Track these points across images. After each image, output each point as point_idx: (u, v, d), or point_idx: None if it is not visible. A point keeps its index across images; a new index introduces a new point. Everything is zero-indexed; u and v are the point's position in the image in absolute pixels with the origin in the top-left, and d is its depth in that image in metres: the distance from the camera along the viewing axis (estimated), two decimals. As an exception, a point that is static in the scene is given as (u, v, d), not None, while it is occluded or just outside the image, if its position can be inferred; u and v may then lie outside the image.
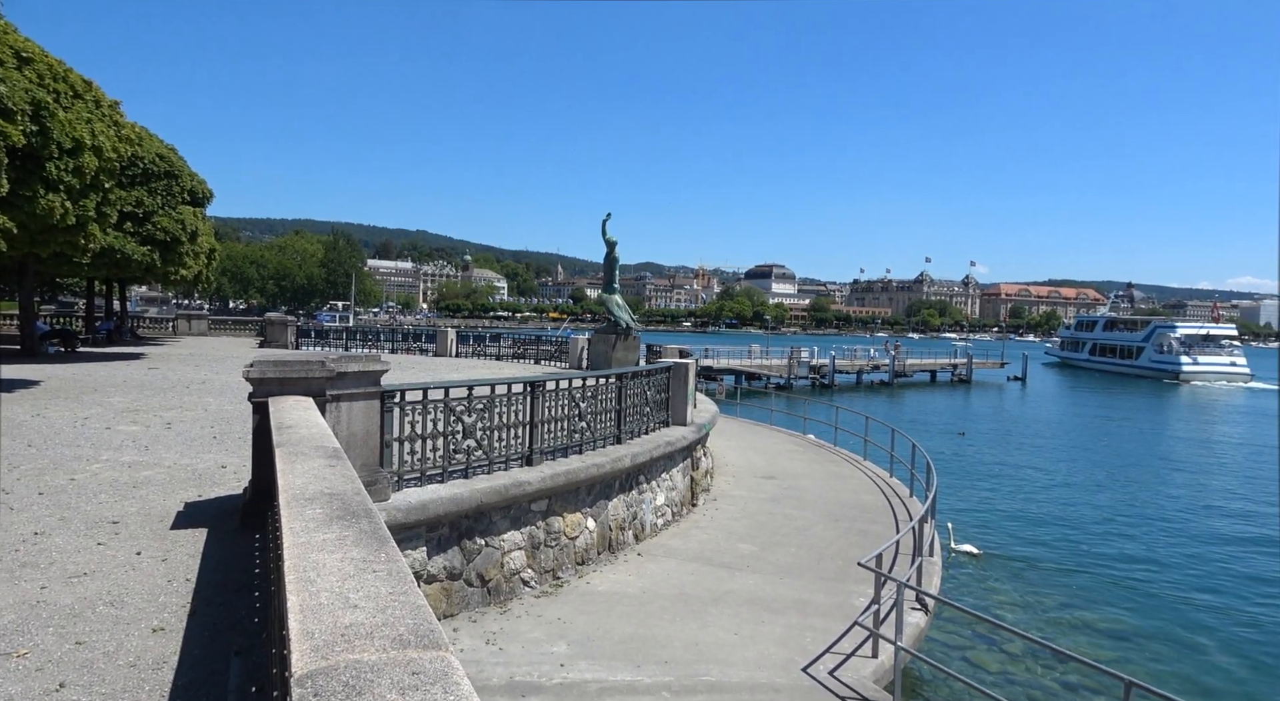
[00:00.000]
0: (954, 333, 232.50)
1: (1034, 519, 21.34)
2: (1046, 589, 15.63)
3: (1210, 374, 79.37)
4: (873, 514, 14.86)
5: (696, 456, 15.36)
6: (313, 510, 3.49)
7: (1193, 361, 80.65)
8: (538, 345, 29.33)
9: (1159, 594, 15.62)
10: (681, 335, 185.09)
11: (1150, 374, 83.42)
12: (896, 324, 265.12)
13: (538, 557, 10.07)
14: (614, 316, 20.76)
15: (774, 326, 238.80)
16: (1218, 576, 16.86)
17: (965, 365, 71.02)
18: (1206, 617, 14.42)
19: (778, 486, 16.82)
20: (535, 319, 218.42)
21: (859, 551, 11.89)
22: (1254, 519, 22.14)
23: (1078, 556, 17.95)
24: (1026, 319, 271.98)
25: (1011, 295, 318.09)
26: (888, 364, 65.59)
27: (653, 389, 13.92)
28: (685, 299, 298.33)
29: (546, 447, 10.68)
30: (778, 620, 9.31)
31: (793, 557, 11.88)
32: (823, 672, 7.93)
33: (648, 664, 7.95)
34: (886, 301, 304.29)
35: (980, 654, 12.09)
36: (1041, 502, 23.43)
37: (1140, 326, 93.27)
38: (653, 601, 9.76)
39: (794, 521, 14.00)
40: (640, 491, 12.55)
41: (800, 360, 59.38)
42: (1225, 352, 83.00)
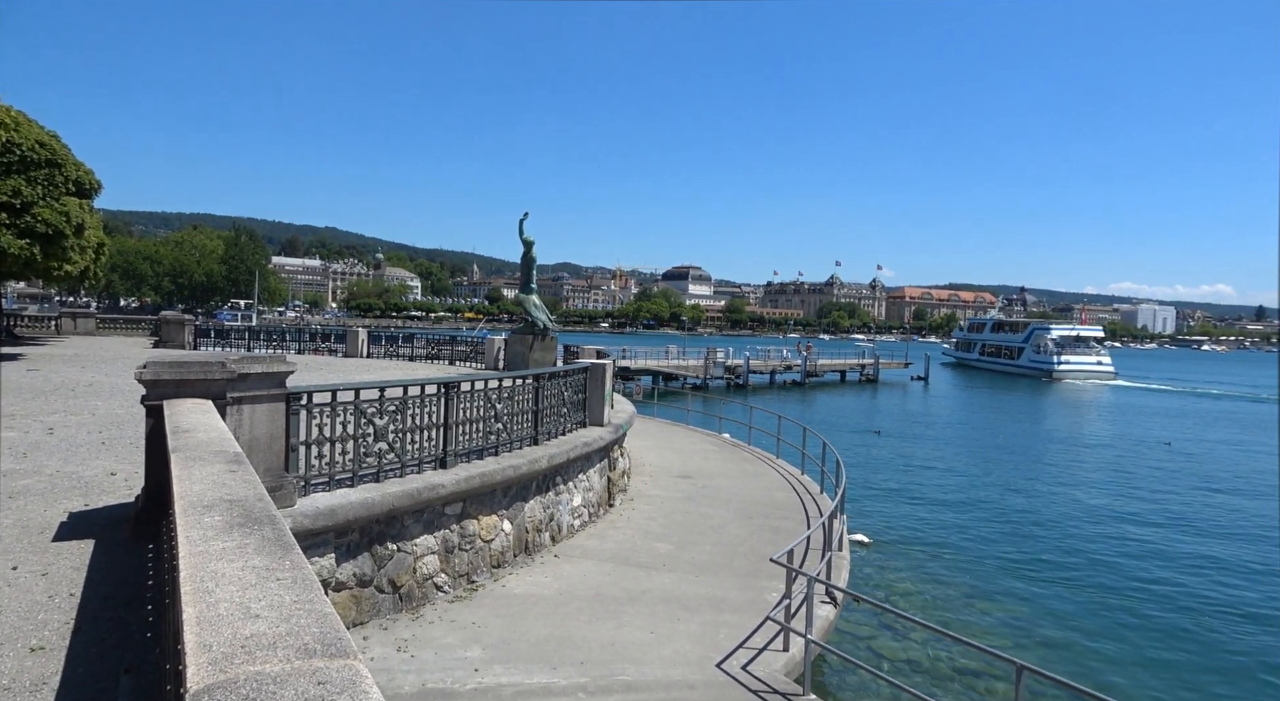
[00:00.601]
0: (862, 334, 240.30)
1: (936, 511, 22.28)
2: (948, 577, 16.34)
3: (1080, 372, 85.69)
4: (785, 511, 15.23)
5: (614, 457, 15.40)
6: (211, 517, 3.35)
7: (1064, 361, 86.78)
8: (453, 346, 28.82)
9: (1051, 579, 16.54)
10: (599, 336, 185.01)
11: (1029, 373, 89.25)
12: (808, 325, 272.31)
13: (452, 561, 9.90)
14: (531, 317, 20.60)
15: (691, 327, 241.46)
16: (1103, 562, 17.97)
17: (873, 365, 73.56)
18: (1094, 601, 15.35)
19: (694, 485, 17.03)
20: (450, 319, 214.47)
21: (772, 548, 12.16)
22: (1130, 507, 23.71)
23: (976, 545, 18.84)
24: (929, 321, 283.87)
25: (915, 298, 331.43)
26: (800, 364, 67.27)
27: (570, 390, 13.88)
28: (603, 300, 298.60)
29: (462, 449, 10.51)
30: (693, 618, 9.44)
31: (708, 555, 12.06)
32: (736, 668, 8.08)
33: (564, 665, 7.93)
34: (799, 303, 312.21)
35: (885, 642, 12.54)
36: (943, 496, 24.49)
37: (1021, 329, 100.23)
38: (569, 602, 9.73)
39: (709, 520, 14.21)
40: (557, 493, 12.50)
41: (716, 361, 60.25)
42: (1093, 352, 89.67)
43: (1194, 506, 24.32)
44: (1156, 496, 25.68)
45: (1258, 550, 19.48)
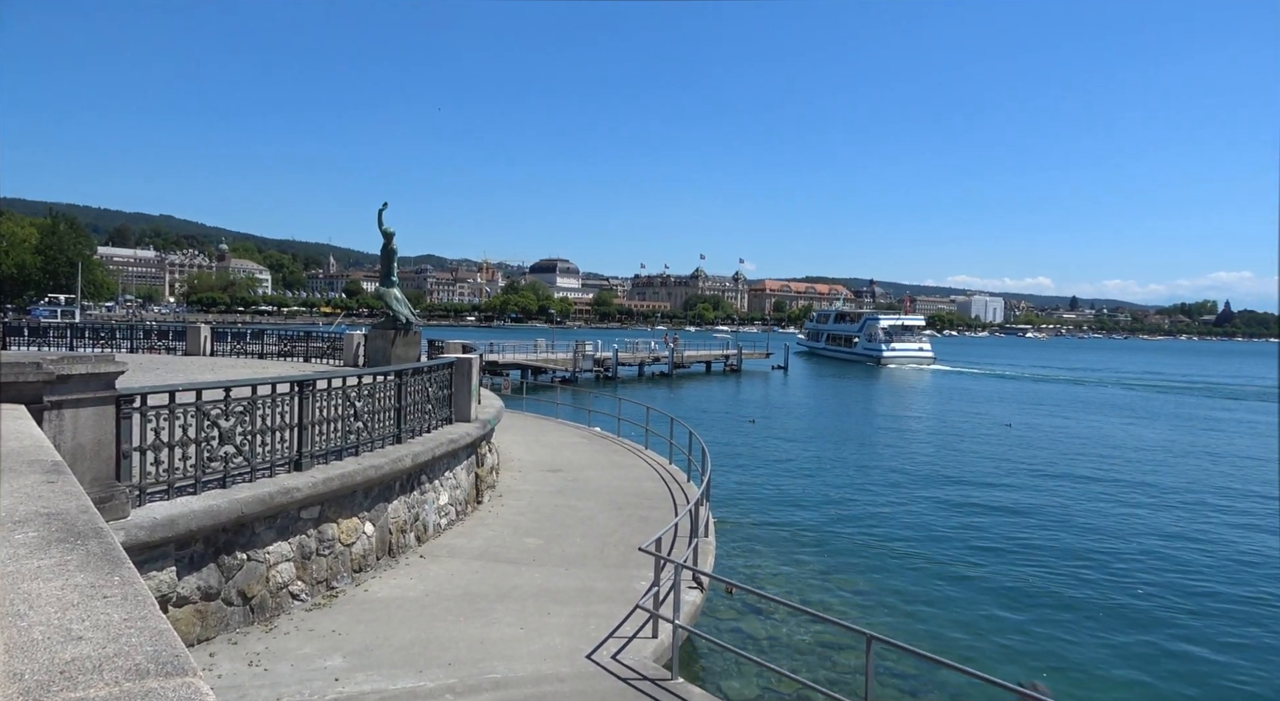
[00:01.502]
0: (726, 325, 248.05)
1: (795, 494, 23.36)
2: (808, 557, 17.18)
3: (903, 358, 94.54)
4: (654, 501, 15.50)
5: (482, 453, 15.16)
6: (25, 534, 3.03)
7: (891, 348, 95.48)
8: (308, 342, 27.37)
9: (900, 553, 17.72)
10: (466, 330, 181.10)
11: (862, 359, 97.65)
12: (675, 317, 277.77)
13: (309, 568, 9.43)
14: (393, 311, 19.89)
15: (559, 320, 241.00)
16: (945, 536, 19.43)
17: (736, 356, 76.05)
18: (939, 572, 16.57)
19: (563, 479, 17.03)
20: (305, 314, 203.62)
21: (641, 537, 12.35)
22: (969, 485, 25.77)
23: (833, 525, 19.90)
24: (788, 312, 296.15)
25: (775, 290, 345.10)
26: (667, 356, 68.59)
27: (435, 385, 13.53)
28: (469, 293, 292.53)
29: (319, 450, 10.03)
30: (563, 611, 9.45)
31: (578, 548, 12.10)
32: (606, 657, 8.17)
33: (431, 667, 7.74)
34: (666, 296, 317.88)
35: (750, 622, 13.05)
36: (800, 479, 25.70)
37: (856, 319, 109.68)
38: (436, 603, 9.51)
39: (579, 512, 14.26)
40: (423, 491, 12.16)
41: (585, 354, 60.41)
42: (916, 340, 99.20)
43: (1031, 482, 26.71)
44: (997, 475, 28.00)
45: (1087, 517, 21.64)
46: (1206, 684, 11.74)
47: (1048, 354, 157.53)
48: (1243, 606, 15.00)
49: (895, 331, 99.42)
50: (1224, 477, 28.37)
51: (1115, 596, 15.33)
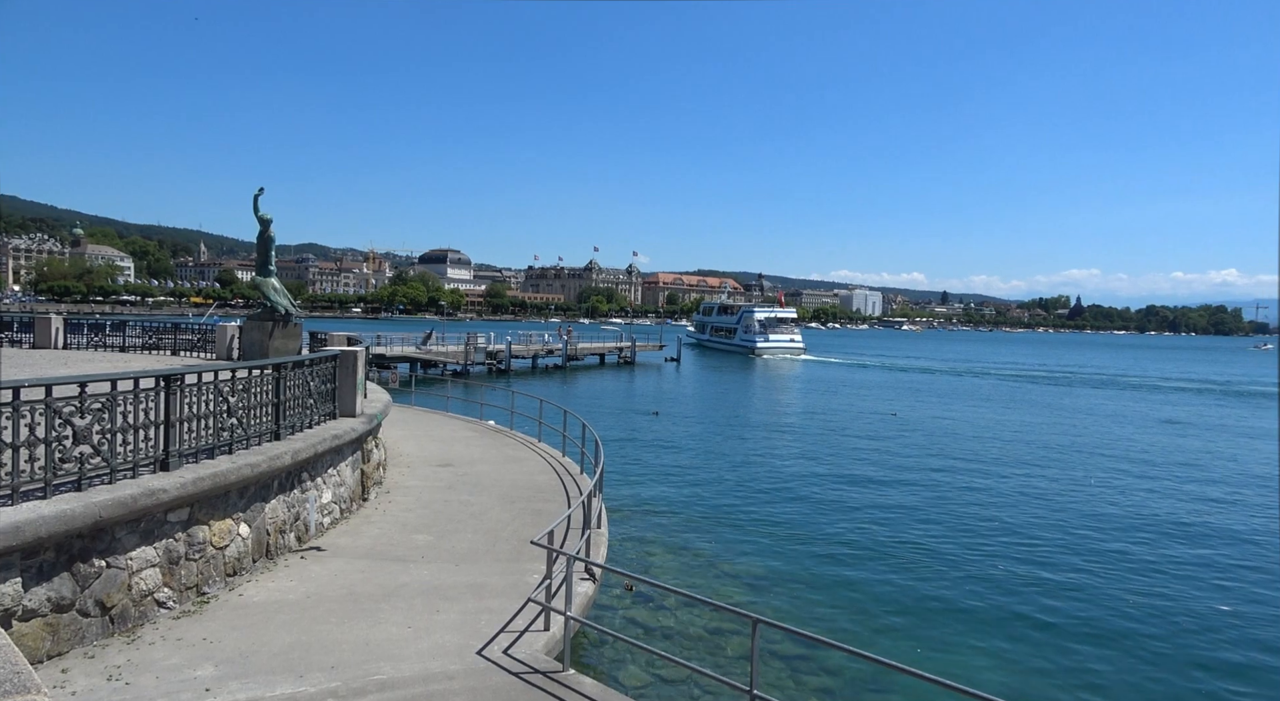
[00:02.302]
0: (620, 318, 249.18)
1: (687, 483, 23.79)
2: (698, 544, 17.54)
3: (776, 349, 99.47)
4: (547, 493, 15.44)
5: (368, 448, 14.66)
6: None
7: (764, 339, 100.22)
8: (176, 334, 25.66)
9: (788, 538, 18.35)
10: (351, 322, 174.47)
11: (740, 350, 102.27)
12: (569, 309, 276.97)
13: (177, 574, 8.87)
14: (271, 301, 18.92)
15: (450, 313, 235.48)
16: (832, 520, 20.25)
17: (630, 348, 76.58)
18: (826, 555, 17.26)
19: (454, 473, 16.71)
20: (173, 304, 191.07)
21: (534, 531, 12.27)
22: (854, 470, 26.96)
23: (723, 512, 20.38)
24: (681, 305, 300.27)
25: (669, 283, 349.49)
26: (561, 348, 68.32)
27: (317, 379, 12.97)
28: (355, 283, 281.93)
29: (189, 449, 9.44)
30: (453, 608, 9.29)
31: (469, 543, 11.91)
32: (497, 652, 8.09)
33: (312, 672, 7.45)
34: (560, 288, 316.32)
35: (642, 611, 13.22)
36: (692, 468, 26.19)
37: (735, 311, 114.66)
38: (318, 605, 9.15)
39: (470, 507, 14.03)
40: (304, 490, 11.66)
41: (477, 346, 59.40)
42: (788, 332, 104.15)
43: (912, 467, 28.15)
44: (880, 460, 29.37)
45: (963, 500, 23.01)
46: (1067, 650, 12.75)
47: (919, 346, 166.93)
48: (1093, 573, 16.37)
49: (770, 324, 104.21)
50: (1085, 459, 30.81)
51: (990, 573, 16.41)
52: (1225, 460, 31.81)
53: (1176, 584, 16.06)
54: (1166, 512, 22.28)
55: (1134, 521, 21.11)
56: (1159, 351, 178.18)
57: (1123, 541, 19.07)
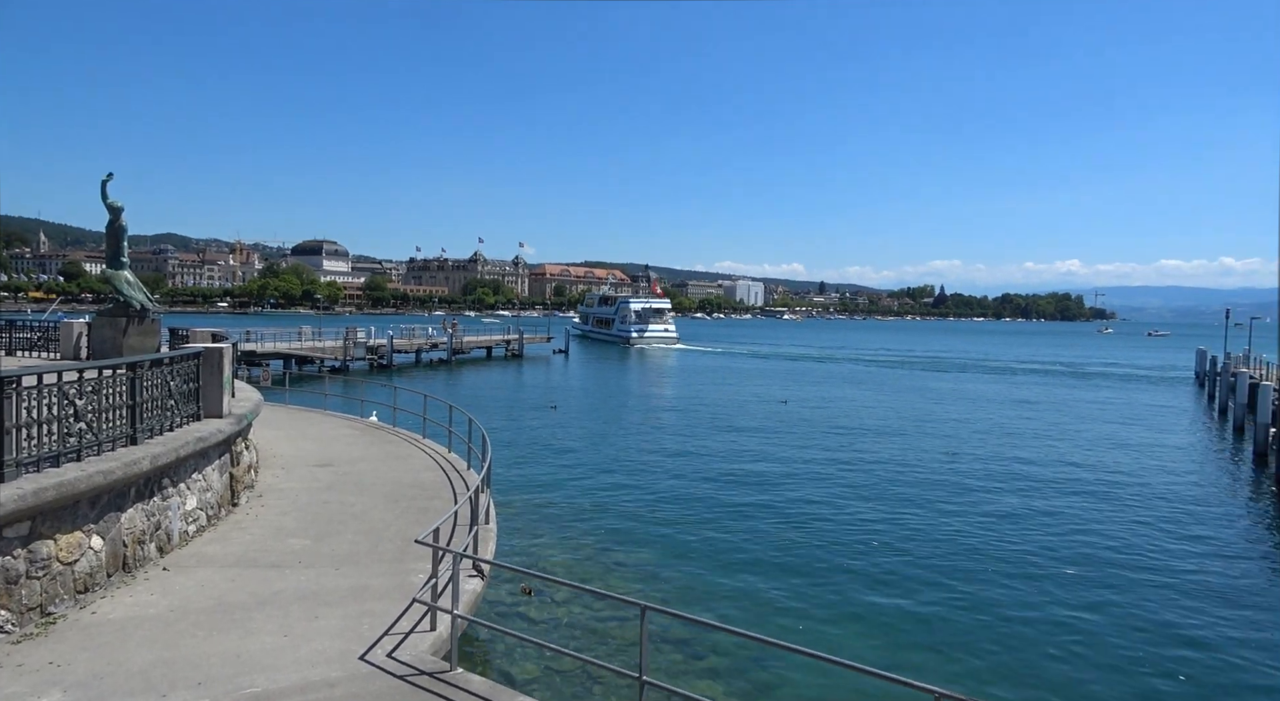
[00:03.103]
0: (507, 310, 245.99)
1: (577, 474, 23.79)
2: (589, 536, 17.59)
3: (651, 338, 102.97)
4: (432, 491, 15.06)
5: (237, 450, 13.84)
6: None
7: (640, 329, 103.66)
8: (12, 332, 23.39)
9: (679, 524, 18.65)
10: (218, 317, 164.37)
11: (617, 340, 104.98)
12: (454, 302, 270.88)
13: (16, 594, 8.10)
14: (124, 296, 17.53)
15: (327, 306, 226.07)
16: (720, 507, 20.73)
17: (517, 341, 75.68)
18: (716, 540, 17.65)
19: (333, 474, 16.04)
20: (9, 300, 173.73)
21: (419, 529, 11.94)
22: (745, 457, 27.70)
23: (612, 502, 20.51)
24: (569, 297, 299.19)
25: (556, 275, 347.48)
26: (446, 342, 66.75)
27: (179, 379, 12.13)
28: (221, 276, 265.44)
29: (28, 457, 8.61)
30: (333, 613, 8.93)
31: (350, 546, 11.47)
32: (381, 656, 7.83)
33: (177, 690, 6.98)
34: (443, 280, 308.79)
35: (533, 605, 13.14)
36: (581, 459, 26.22)
37: (613, 302, 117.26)
38: (182, 619, 8.58)
39: (351, 508, 13.51)
40: (165, 497, 10.88)
41: (357, 341, 57.21)
42: (662, 322, 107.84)
43: (799, 452, 29.14)
44: (764, 446, 30.25)
45: (845, 483, 24.00)
46: (950, 622, 13.57)
47: (798, 334, 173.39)
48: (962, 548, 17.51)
49: (645, 314, 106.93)
50: (952, 438, 32.81)
51: (867, 554, 17.23)
52: (1072, 433, 34.68)
53: (1032, 543, 17.40)
54: (1021, 484, 24.07)
55: (996, 492, 22.70)
56: (1014, 336, 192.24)
57: (987, 509, 20.47)
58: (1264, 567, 16.92)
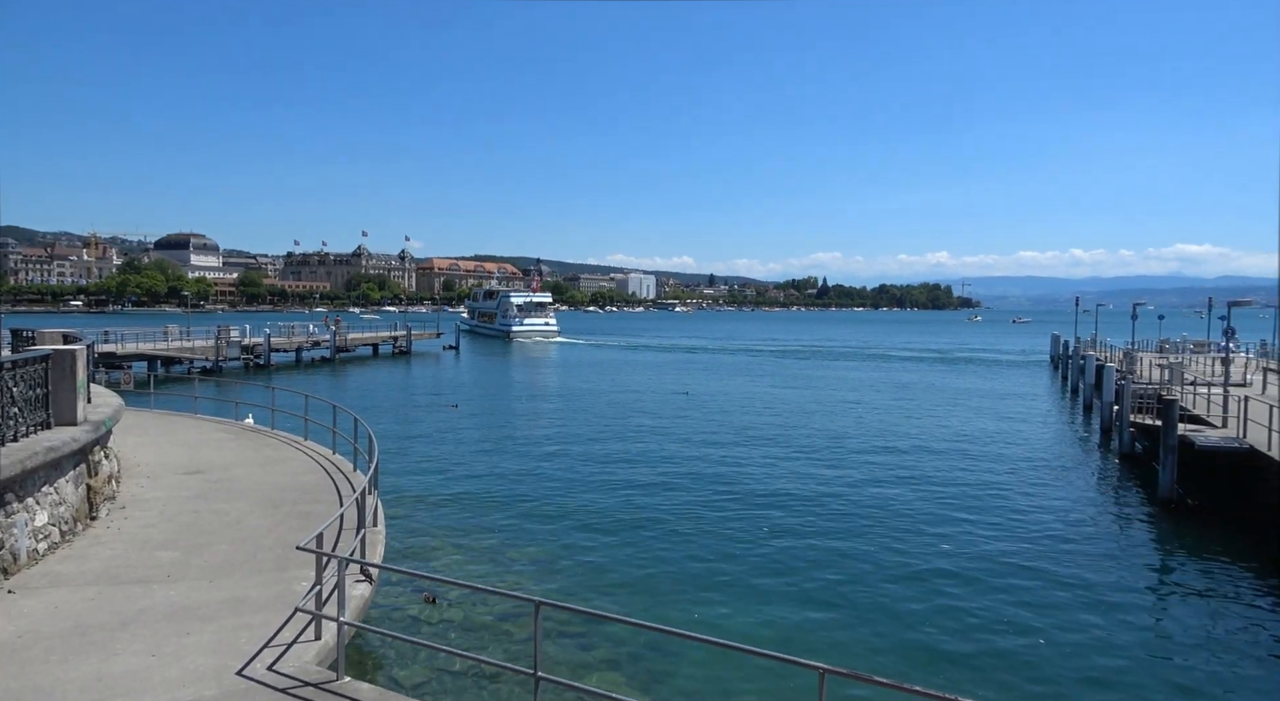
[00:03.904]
0: (393, 306, 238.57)
1: (471, 473, 23.37)
2: (483, 534, 17.31)
3: (532, 332, 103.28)
4: (316, 494, 14.44)
5: (95, 460, 12.82)
6: None
7: (521, 323, 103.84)
8: None
9: (572, 518, 18.61)
10: (70, 317, 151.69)
11: (499, 334, 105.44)
12: (336, 298, 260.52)
13: None
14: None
15: (197, 304, 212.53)
16: (617, 497, 20.81)
17: (405, 337, 73.48)
18: (610, 533, 17.71)
19: (205, 481, 15.12)
20: None
21: (301, 535, 11.41)
22: (634, 449, 27.91)
23: (506, 500, 20.26)
24: (459, 291, 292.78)
25: (444, 269, 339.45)
26: (328, 340, 64.09)
27: (23, 384, 11.11)
28: (73, 273, 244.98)
29: None
30: (207, 628, 8.43)
31: (225, 556, 10.85)
32: (260, 670, 7.46)
33: (29, 723, 6.42)
34: (325, 275, 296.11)
35: (425, 608, 12.83)
36: (476, 457, 25.77)
37: (496, 296, 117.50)
38: (34, 645, 7.89)
39: (225, 516, 12.78)
40: (9, 513, 9.96)
41: (230, 340, 54.12)
42: (543, 315, 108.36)
43: (695, 443, 29.56)
44: (657, 438, 30.56)
45: (734, 471, 24.52)
46: (835, 601, 14.11)
47: (688, 326, 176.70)
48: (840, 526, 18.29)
49: (527, 308, 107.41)
50: (839, 423, 34.16)
51: (757, 539, 17.72)
52: (943, 415, 36.82)
53: (907, 520, 18.39)
54: (898, 465, 25.38)
55: (878, 474, 23.83)
56: (892, 325, 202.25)
57: (871, 491, 21.46)
58: (1111, 530, 18.51)
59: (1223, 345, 29.93)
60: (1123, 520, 19.69)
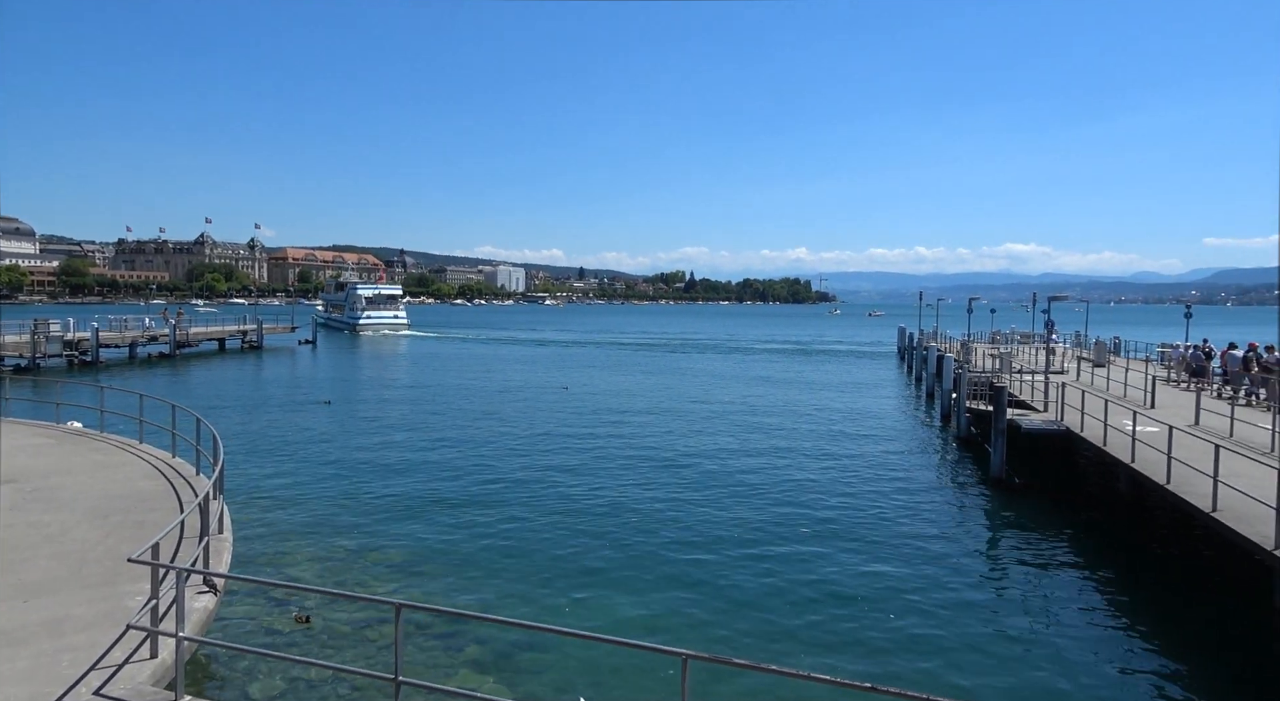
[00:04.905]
0: (242, 298, 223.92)
1: (325, 474, 22.30)
2: (342, 537, 16.58)
3: (379, 325, 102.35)
4: (153, 501, 13.35)
5: (-122, 472, 11.30)
6: None
7: (368, 316, 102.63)
8: None
9: (437, 517, 18.13)
10: None
11: (347, 326, 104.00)
12: (177, 289, 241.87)
13: None
14: None
15: (8, 295, 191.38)
16: (478, 496, 20.44)
17: (256, 331, 69.15)
18: (474, 531, 17.37)
19: (19, 491, 13.65)
20: None
21: (135, 546, 10.50)
22: (486, 442, 27.53)
23: (364, 501, 19.49)
24: (315, 283, 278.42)
25: (299, 259, 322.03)
26: (168, 334, 59.37)
27: None
28: None
29: None
30: (23, 653, 7.63)
31: (44, 572, 9.85)
32: (85, 694, 6.82)
33: None
34: (163, 264, 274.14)
35: (277, 618, 12.15)
36: (330, 457, 24.62)
37: (345, 289, 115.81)
38: None
39: (45, 529, 11.59)
40: None
41: (50, 334, 49.06)
42: (392, 308, 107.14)
43: (557, 435, 29.40)
44: (531, 433, 30.24)
45: (612, 461, 24.60)
46: (698, 589, 14.45)
47: (558, 319, 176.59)
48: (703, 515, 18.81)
49: (376, 301, 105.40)
50: (704, 415, 35.00)
51: (622, 530, 17.90)
52: (800, 404, 38.59)
53: (764, 504, 19.16)
54: (759, 452, 26.40)
55: (740, 462, 24.66)
56: (756, 318, 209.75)
57: (735, 478, 22.18)
58: (948, 507, 20.02)
59: (1045, 336, 32.93)
60: (959, 498, 21.34)
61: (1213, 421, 20.52)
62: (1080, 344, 45.87)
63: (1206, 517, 13.16)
